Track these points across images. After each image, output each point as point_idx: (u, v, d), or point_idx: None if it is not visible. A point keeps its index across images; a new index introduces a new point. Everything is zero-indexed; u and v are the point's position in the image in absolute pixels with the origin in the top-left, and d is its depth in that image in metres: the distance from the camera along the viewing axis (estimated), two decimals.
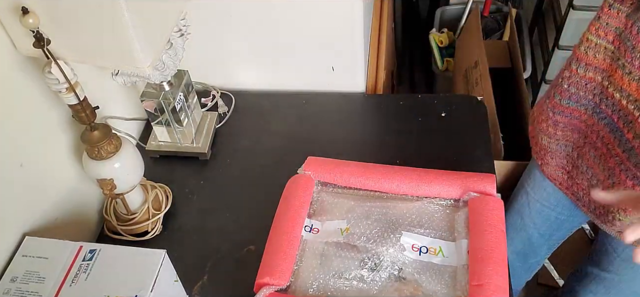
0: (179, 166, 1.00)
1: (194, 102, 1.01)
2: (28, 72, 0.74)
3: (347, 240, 0.80)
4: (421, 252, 0.78)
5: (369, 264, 0.78)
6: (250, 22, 1.03)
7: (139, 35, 0.64)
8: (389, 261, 0.77)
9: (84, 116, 0.74)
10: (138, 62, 0.67)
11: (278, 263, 0.77)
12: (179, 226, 0.91)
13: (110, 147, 0.77)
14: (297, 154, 0.92)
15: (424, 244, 0.79)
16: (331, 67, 1.09)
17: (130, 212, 0.88)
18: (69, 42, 0.67)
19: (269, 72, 1.14)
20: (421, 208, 0.83)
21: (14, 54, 0.71)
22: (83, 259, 0.69)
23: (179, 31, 0.84)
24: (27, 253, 0.71)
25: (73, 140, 0.85)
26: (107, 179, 0.78)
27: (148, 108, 0.94)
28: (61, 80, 0.68)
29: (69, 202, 0.85)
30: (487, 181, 0.83)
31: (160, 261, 0.67)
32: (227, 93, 1.13)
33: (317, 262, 0.79)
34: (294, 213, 0.82)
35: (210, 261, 0.85)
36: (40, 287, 0.66)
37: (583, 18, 1.60)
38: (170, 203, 0.93)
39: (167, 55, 0.82)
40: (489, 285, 0.71)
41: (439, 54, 2.02)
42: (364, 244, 0.79)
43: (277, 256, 0.77)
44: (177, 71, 0.89)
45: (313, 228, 0.83)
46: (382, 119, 1.06)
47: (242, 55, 1.10)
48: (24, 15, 0.60)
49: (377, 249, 0.78)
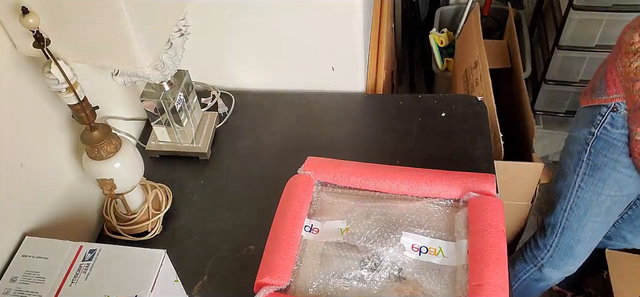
0: (179, 166, 1.00)
1: (194, 102, 1.01)
2: (28, 72, 0.74)
3: (347, 240, 0.80)
4: (421, 252, 0.78)
5: (369, 264, 0.78)
6: (250, 22, 1.03)
7: (139, 35, 0.64)
8: (389, 261, 0.77)
9: (84, 116, 0.74)
10: (138, 62, 0.67)
11: (278, 263, 0.76)
12: (179, 226, 0.91)
13: (110, 147, 0.77)
14: (297, 154, 0.92)
15: (423, 244, 0.79)
16: (331, 67, 1.09)
17: (130, 212, 0.88)
18: (69, 42, 0.67)
19: (269, 72, 1.14)
20: (421, 208, 0.83)
21: (14, 54, 0.71)
22: (83, 259, 0.69)
23: (179, 31, 0.84)
24: (27, 253, 0.71)
25: (73, 140, 0.85)
26: (107, 179, 0.78)
27: (148, 108, 0.94)
28: (61, 80, 0.68)
29: (69, 202, 0.85)
30: (487, 181, 0.83)
31: (160, 261, 0.67)
32: (227, 93, 1.13)
33: (317, 262, 0.79)
34: (294, 213, 0.82)
35: (210, 261, 0.85)
36: (40, 287, 0.66)
37: (583, 18, 1.60)
38: (170, 203, 0.93)
39: (167, 55, 0.82)
40: (489, 285, 0.71)
41: (439, 54, 2.02)
42: (364, 244, 0.79)
43: (277, 255, 0.77)
44: (177, 71, 0.89)
45: (313, 228, 0.83)
46: (382, 119, 1.06)
47: (242, 55, 1.10)
48: (24, 15, 0.60)
49: (377, 249, 0.78)
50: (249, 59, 1.11)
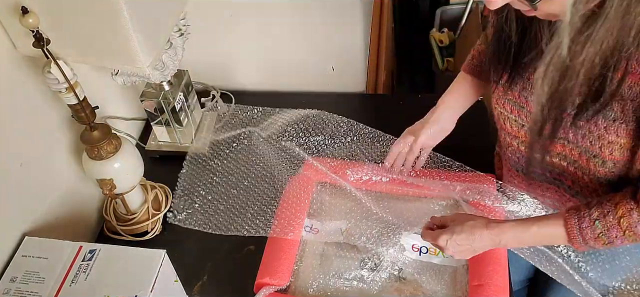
0: (179, 166, 1.00)
1: (194, 102, 1.01)
2: (28, 72, 0.74)
3: (347, 240, 0.80)
4: (421, 253, 0.78)
5: (369, 264, 0.78)
6: (250, 22, 1.03)
7: (139, 35, 0.64)
8: (389, 261, 0.77)
9: (83, 116, 0.74)
10: (138, 62, 0.67)
11: (278, 263, 0.76)
12: (179, 226, 0.91)
13: (110, 147, 0.77)
14: (297, 154, 0.92)
15: (424, 244, 0.79)
16: (331, 67, 1.09)
17: (130, 212, 0.88)
18: (69, 42, 0.67)
19: (269, 72, 1.14)
20: (421, 208, 0.83)
21: (14, 54, 0.71)
22: (83, 259, 0.69)
23: (179, 31, 0.84)
24: (27, 253, 0.71)
25: (73, 140, 0.85)
26: (107, 179, 0.78)
27: (148, 108, 0.94)
28: (61, 80, 0.67)
29: (69, 202, 0.85)
30: (487, 181, 0.83)
31: (160, 261, 0.67)
32: (227, 93, 1.13)
33: (317, 263, 0.79)
34: (294, 213, 0.82)
35: (210, 261, 0.85)
36: (40, 287, 0.66)
37: None
38: (170, 203, 0.93)
39: (167, 55, 0.82)
40: (489, 285, 0.71)
41: (439, 54, 2.01)
42: (364, 244, 0.79)
43: (277, 256, 0.77)
44: (177, 71, 0.89)
45: (313, 228, 0.83)
46: (382, 119, 1.06)
47: (242, 55, 1.10)
48: (24, 15, 0.60)
49: (377, 250, 0.78)
50: (249, 59, 1.11)
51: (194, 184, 0.95)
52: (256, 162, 1.00)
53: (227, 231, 0.87)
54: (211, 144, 1.02)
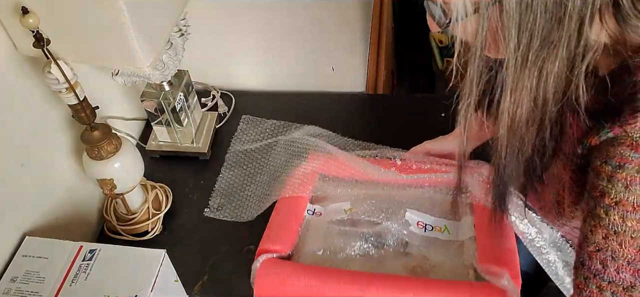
0: (179, 166, 1.00)
1: (194, 102, 1.01)
2: (28, 72, 0.74)
3: (351, 217, 0.79)
4: (426, 229, 0.77)
5: (373, 238, 0.77)
6: (250, 22, 1.03)
7: (139, 35, 0.64)
8: (395, 236, 0.76)
9: (84, 116, 0.74)
10: (138, 62, 0.67)
11: (281, 233, 0.76)
12: (179, 226, 0.91)
13: (110, 147, 0.77)
14: (296, 155, 0.92)
15: (429, 222, 0.78)
16: (331, 67, 1.09)
17: (130, 212, 0.88)
18: (69, 42, 0.67)
19: (269, 72, 1.14)
20: (424, 194, 0.82)
21: (14, 54, 0.71)
22: (83, 259, 0.69)
23: (179, 31, 0.84)
24: (27, 253, 0.71)
25: (73, 140, 0.85)
26: (107, 179, 0.78)
27: (148, 108, 0.94)
28: (61, 80, 0.68)
29: (69, 202, 0.85)
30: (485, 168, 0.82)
31: (160, 261, 0.67)
32: (227, 93, 1.13)
33: (321, 236, 0.78)
34: (296, 196, 0.82)
35: (210, 261, 0.85)
36: (40, 287, 0.66)
37: None
38: (170, 203, 0.93)
39: (167, 55, 0.82)
40: (499, 248, 0.70)
41: (439, 54, 2.01)
42: (368, 218, 0.78)
43: (280, 226, 0.77)
44: (177, 71, 0.89)
45: (316, 212, 0.83)
46: (382, 119, 1.06)
47: (242, 55, 1.10)
48: (24, 15, 0.60)
49: (382, 224, 0.77)
50: (249, 59, 1.11)
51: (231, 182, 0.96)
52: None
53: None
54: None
